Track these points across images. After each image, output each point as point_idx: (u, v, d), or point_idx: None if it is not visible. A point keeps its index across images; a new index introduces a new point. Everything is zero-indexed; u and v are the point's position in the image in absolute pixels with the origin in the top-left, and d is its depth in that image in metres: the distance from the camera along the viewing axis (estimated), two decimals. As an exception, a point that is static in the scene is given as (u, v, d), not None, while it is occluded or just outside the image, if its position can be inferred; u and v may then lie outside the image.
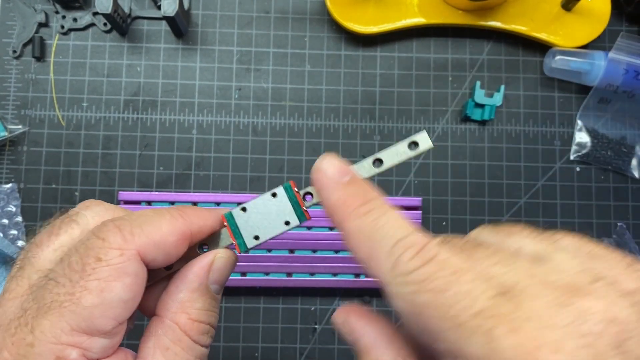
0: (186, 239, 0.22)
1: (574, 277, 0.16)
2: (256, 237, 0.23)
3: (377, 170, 0.23)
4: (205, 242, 0.23)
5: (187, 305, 0.21)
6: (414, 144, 0.23)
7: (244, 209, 0.23)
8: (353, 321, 0.22)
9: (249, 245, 0.23)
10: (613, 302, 0.15)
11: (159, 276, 0.23)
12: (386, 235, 0.19)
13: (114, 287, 0.19)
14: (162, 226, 0.21)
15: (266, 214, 0.23)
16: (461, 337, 0.15)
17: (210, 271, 0.22)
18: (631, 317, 0.15)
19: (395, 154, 0.23)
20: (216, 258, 0.23)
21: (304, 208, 0.23)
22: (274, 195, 0.23)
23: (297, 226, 0.23)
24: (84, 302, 0.19)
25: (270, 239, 0.23)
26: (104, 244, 0.20)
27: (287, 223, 0.23)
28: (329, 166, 0.22)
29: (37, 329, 0.18)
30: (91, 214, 0.23)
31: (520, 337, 0.14)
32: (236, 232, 0.23)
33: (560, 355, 0.14)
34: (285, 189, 0.23)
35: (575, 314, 0.15)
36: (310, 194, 0.23)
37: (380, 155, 0.23)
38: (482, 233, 0.20)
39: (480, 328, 0.15)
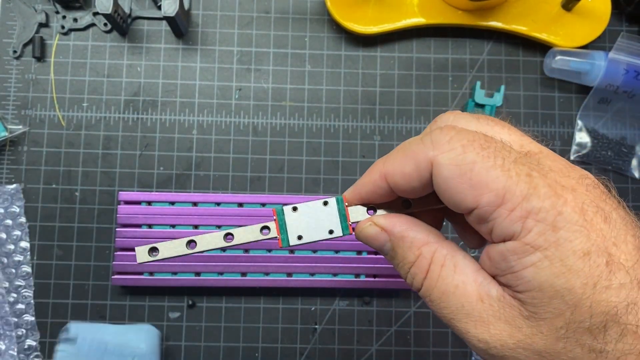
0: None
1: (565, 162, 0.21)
2: (299, 237, 0.24)
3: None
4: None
5: None
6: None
7: (295, 209, 0.24)
8: (378, 220, 0.24)
9: (291, 243, 0.24)
10: (593, 175, 0.21)
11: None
12: (413, 141, 0.22)
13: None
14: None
15: (314, 219, 0.24)
16: (509, 179, 0.19)
17: None
18: (603, 186, 0.21)
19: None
20: None
21: (349, 222, 0.24)
22: (325, 203, 0.24)
23: (339, 237, 0.25)
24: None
25: (312, 242, 0.24)
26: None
27: (330, 232, 0.24)
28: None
29: None
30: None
31: (549, 180, 0.19)
32: (283, 227, 0.24)
33: (577, 192, 0.19)
34: (337, 201, 0.24)
35: (580, 174, 0.20)
36: (375, 209, 0.24)
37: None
38: (461, 118, 0.23)
39: (522, 170, 0.19)
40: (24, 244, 0.45)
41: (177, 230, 0.44)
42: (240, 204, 0.45)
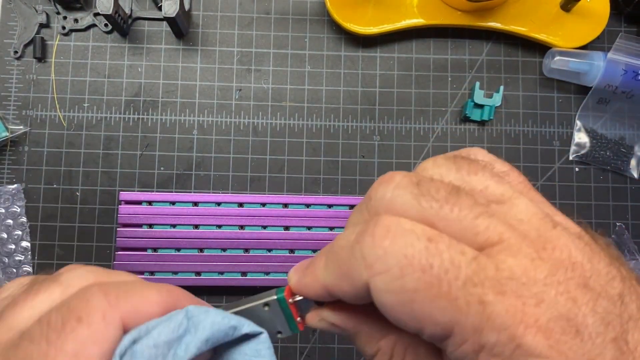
0: (166, 312, 0.20)
1: (539, 225, 0.17)
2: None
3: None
4: None
5: None
6: (266, 305, 0.22)
7: (236, 312, 0.21)
8: (327, 316, 0.21)
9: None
10: (573, 246, 0.16)
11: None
12: (342, 246, 0.18)
13: (91, 352, 0.17)
14: (149, 296, 0.19)
15: (258, 322, 0.21)
16: (458, 312, 0.15)
17: None
18: (586, 258, 0.16)
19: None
20: None
21: (298, 319, 0.21)
22: (266, 305, 0.21)
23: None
24: None
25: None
26: (87, 305, 0.18)
27: (279, 332, 0.22)
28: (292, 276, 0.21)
29: None
30: (74, 275, 0.20)
31: (508, 298, 0.15)
32: None
33: (543, 306, 0.15)
34: (280, 301, 0.21)
35: (550, 265, 0.16)
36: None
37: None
38: (441, 166, 0.19)
39: (472, 297, 0.15)
40: (25, 244, 0.45)
41: (177, 230, 0.44)
42: (241, 204, 0.45)
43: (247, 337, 0.20)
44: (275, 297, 0.21)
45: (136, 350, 0.17)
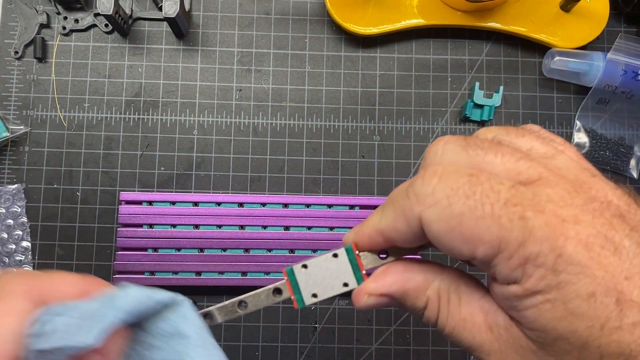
0: (83, 295, 0.21)
1: (578, 172, 0.19)
2: (314, 295, 0.23)
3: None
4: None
5: None
6: (277, 292, 0.24)
7: (305, 266, 0.23)
8: (371, 288, 0.22)
9: (307, 303, 0.23)
10: (610, 191, 0.19)
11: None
12: (399, 193, 0.20)
13: (5, 322, 0.19)
14: (67, 278, 0.21)
15: (326, 273, 0.23)
16: (502, 229, 0.17)
17: None
18: (622, 202, 0.18)
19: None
20: None
21: (363, 272, 0.23)
22: (335, 255, 0.23)
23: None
24: None
25: (328, 298, 0.23)
26: (4, 287, 0.20)
27: (345, 285, 0.23)
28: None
29: None
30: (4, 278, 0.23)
31: (547, 215, 0.17)
32: (295, 287, 0.23)
33: (581, 224, 0.17)
34: (347, 252, 0.23)
35: (586, 197, 0.18)
36: (386, 252, 0.23)
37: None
38: (493, 131, 0.22)
39: (514, 214, 0.17)
40: (26, 244, 0.46)
41: (177, 230, 0.44)
42: (241, 204, 0.45)
43: (172, 307, 0.22)
44: (343, 248, 0.23)
45: (55, 320, 0.19)
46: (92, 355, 0.19)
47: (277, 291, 0.24)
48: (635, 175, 0.48)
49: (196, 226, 0.45)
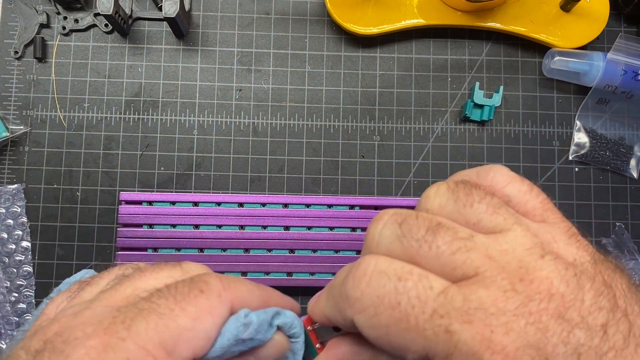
0: (263, 307, 0.24)
1: (523, 256, 0.17)
2: None
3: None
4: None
5: None
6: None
7: None
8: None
9: None
10: (557, 276, 0.17)
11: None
12: (336, 285, 0.20)
13: (206, 319, 0.20)
14: (253, 289, 0.23)
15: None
16: (427, 342, 0.17)
17: None
18: (570, 288, 0.17)
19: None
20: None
21: (317, 345, 0.24)
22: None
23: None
24: (179, 321, 0.20)
25: None
26: (207, 285, 0.21)
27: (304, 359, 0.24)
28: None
29: (132, 328, 0.19)
30: (192, 266, 0.25)
31: (475, 327, 0.16)
32: None
33: (512, 334, 0.16)
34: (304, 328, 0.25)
35: (523, 296, 0.16)
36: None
37: None
38: (440, 196, 0.20)
39: (439, 328, 0.17)
40: (25, 244, 0.46)
41: (177, 230, 0.44)
42: (241, 204, 0.45)
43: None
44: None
45: (251, 316, 0.22)
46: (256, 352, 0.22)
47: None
48: (635, 175, 0.48)
49: (196, 226, 0.45)
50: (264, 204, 0.45)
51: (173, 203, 0.45)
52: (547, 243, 0.18)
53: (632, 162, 0.48)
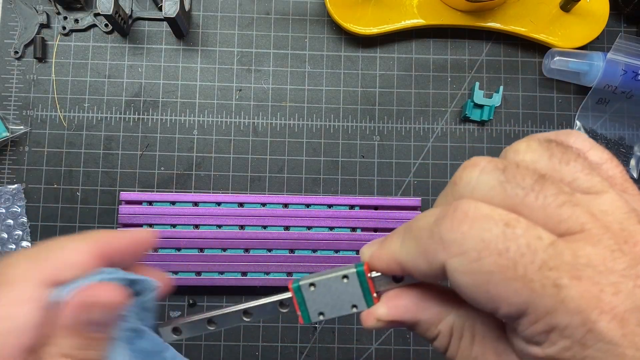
0: (98, 258, 0.22)
1: (623, 219, 0.17)
2: (321, 313, 0.22)
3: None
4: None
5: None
6: (283, 304, 0.23)
7: (312, 284, 0.22)
8: (382, 312, 0.21)
9: (313, 320, 0.23)
10: None
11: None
12: (423, 227, 0.18)
13: (17, 312, 0.19)
14: (75, 247, 0.21)
15: (334, 294, 0.22)
16: (532, 294, 0.16)
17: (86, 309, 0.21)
18: None
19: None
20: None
21: (374, 295, 0.22)
22: (345, 277, 0.22)
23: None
24: None
25: (335, 317, 0.23)
26: (8, 271, 0.20)
27: (354, 306, 0.22)
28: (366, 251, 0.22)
29: None
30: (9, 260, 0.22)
31: (584, 284, 0.16)
32: (302, 304, 0.22)
33: (620, 296, 0.16)
34: (358, 274, 0.22)
35: (630, 258, 0.16)
36: (402, 277, 0.22)
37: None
38: (534, 152, 0.19)
39: (548, 280, 0.16)
40: (26, 244, 0.46)
41: (177, 230, 0.44)
42: (241, 204, 0.45)
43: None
44: (354, 269, 0.21)
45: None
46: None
47: (283, 304, 0.23)
48: (635, 175, 0.48)
49: (196, 226, 0.45)
50: (264, 204, 0.45)
51: (173, 203, 0.45)
52: (637, 211, 0.18)
53: (632, 162, 0.48)
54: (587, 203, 0.17)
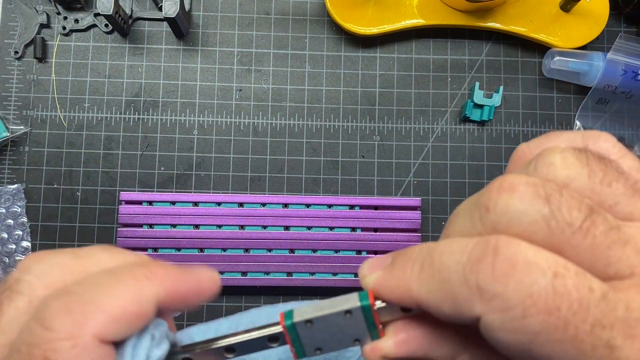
0: (155, 306, 0.18)
1: None
2: (318, 349, 0.20)
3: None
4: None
5: None
6: (273, 339, 0.20)
7: (309, 322, 0.19)
8: (389, 349, 0.19)
9: (309, 355, 0.20)
10: None
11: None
12: (451, 265, 0.15)
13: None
14: (123, 294, 0.17)
15: (335, 329, 0.19)
16: (582, 355, 0.14)
17: None
18: None
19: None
20: None
21: (380, 327, 0.19)
22: (348, 312, 0.19)
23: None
24: None
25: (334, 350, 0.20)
26: (50, 336, 0.15)
27: (356, 340, 0.19)
28: (366, 268, 0.19)
29: None
30: (35, 278, 0.18)
31: (638, 343, 0.14)
32: (296, 340, 0.20)
33: None
34: (364, 309, 0.19)
35: None
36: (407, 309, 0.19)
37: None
38: (568, 168, 0.16)
39: (600, 341, 0.14)
40: (26, 244, 0.46)
41: (177, 230, 0.44)
42: (241, 204, 0.45)
43: None
44: (359, 304, 0.19)
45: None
46: None
47: (274, 339, 0.20)
48: (635, 175, 0.48)
49: (196, 226, 0.45)
50: (264, 204, 0.45)
51: (173, 203, 0.45)
52: None
53: (632, 162, 0.48)
54: (633, 236, 0.15)
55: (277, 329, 0.19)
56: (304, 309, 0.19)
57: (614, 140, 0.17)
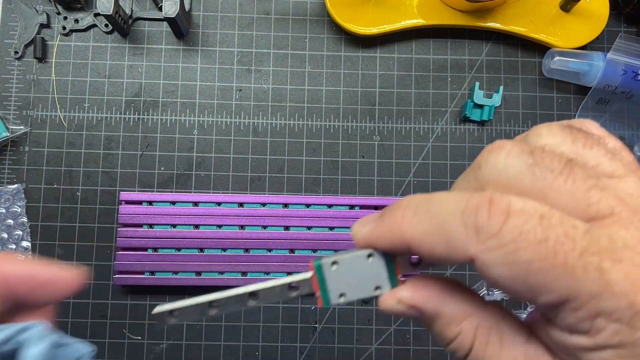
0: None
1: None
2: (342, 295, 0.21)
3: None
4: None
5: None
6: (293, 287, 0.21)
7: (335, 263, 0.21)
8: (404, 295, 0.20)
9: (333, 302, 0.21)
10: None
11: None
12: (448, 210, 0.17)
13: None
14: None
15: (357, 274, 0.21)
16: (575, 279, 0.16)
17: None
18: None
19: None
20: None
21: (399, 277, 0.21)
22: (369, 256, 0.20)
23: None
24: None
25: (356, 300, 0.21)
26: None
27: (378, 288, 0.21)
28: (358, 225, 0.21)
29: None
30: None
31: (625, 266, 0.16)
32: (322, 285, 0.21)
33: None
34: (385, 256, 0.20)
35: None
36: (418, 260, 0.21)
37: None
38: (556, 136, 0.18)
39: (590, 265, 0.16)
40: (26, 244, 0.46)
41: (177, 230, 0.44)
42: (241, 204, 0.45)
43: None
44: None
45: None
46: None
47: (294, 286, 0.21)
48: (635, 175, 0.48)
49: (196, 226, 0.45)
50: (264, 204, 0.45)
51: (173, 203, 0.45)
52: None
53: (632, 162, 0.48)
54: (613, 186, 0.17)
55: (298, 277, 0.21)
56: (335, 254, 0.21)
57: (597, 124, 0.20)
